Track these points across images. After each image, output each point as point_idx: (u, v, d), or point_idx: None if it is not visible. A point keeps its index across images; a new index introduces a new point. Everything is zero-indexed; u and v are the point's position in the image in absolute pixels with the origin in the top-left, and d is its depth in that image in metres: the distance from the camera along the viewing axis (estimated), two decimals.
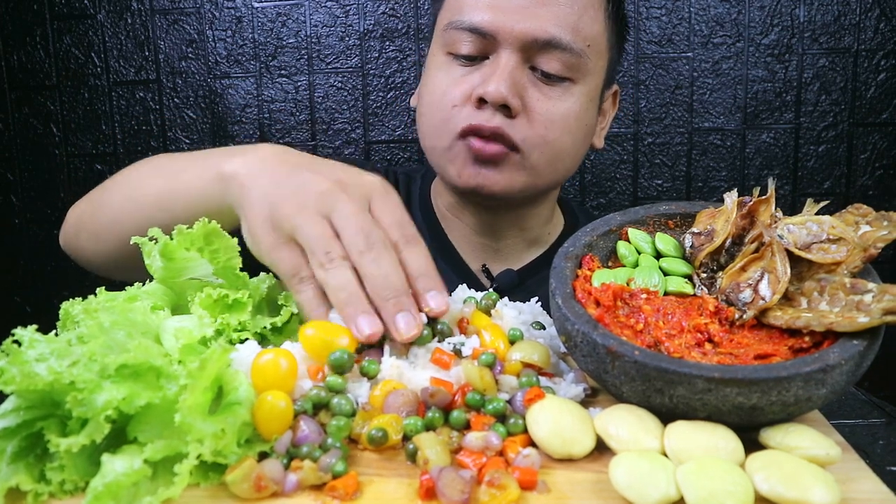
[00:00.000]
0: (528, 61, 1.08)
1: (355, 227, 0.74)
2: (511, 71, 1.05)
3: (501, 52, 1.06)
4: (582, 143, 1.16)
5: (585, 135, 1.16)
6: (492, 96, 1.04)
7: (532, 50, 1.06)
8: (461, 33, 1.08)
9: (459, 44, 1.09)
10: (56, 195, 2.11)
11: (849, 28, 1.94)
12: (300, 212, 0.75)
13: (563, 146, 1.12)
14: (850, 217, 0.70)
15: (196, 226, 0.72)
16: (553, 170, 1.13)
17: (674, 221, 0.79)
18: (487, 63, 1.09)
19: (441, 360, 0.68)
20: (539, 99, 1.08)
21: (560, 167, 1.14)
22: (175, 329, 0.67)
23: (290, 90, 2.06)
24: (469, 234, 1.25)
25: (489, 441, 0.59)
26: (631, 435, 0.57)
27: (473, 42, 1.08)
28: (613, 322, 0.66)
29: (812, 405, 0.58)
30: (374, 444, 0.60)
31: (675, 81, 1.99)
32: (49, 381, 0.55)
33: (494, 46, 1.07)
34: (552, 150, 1.10)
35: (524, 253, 1.27)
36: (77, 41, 2.09)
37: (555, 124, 1.09)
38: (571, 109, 1.10)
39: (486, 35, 1.06)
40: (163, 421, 0.57)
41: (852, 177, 2.01)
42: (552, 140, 1.09)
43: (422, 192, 1.33)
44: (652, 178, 2.04)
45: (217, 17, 2.05)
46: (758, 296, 0.65)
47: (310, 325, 0.69)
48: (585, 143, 1.18)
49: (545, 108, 1.08)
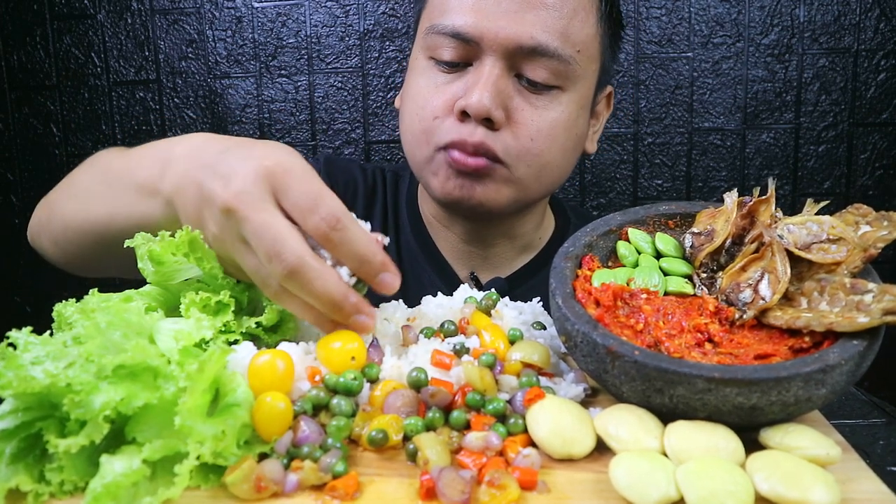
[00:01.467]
0: (513, 69, 1.03)
1: (264, 251, 0.67)
2: (495, 80, 1.00)
3: (485, 60, 1.01)
4: (572, 152, 1.12)
5: (576, 144, 1.12)
6: (474, 109, 0.99)
7: (517, 57, 1.01)
8: (443, 38, 1.03)
9: (441, 49, 1.04)
10: None
11: (849, 28, 1.94)
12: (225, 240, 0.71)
13: (551, 157, 1.07)
14: (850, 217, 0.70)
15: (178, 234, 0.72)
16: (541, 182, 1.09)
17: (674, 221, 0.79)
18: (471, 70, 1.04)
19: (441, 361, 0.68)
20: (524, 109, 1.03)
21: (548, 179, 1.10)
22: (174, 332, 0.66)
23: (290, 90, 2.06)
24: (456, 241, 1.22)
25: (489, 441, 0.58)
26: (631, 435, 0.57)
27: (456, 48, 1.03)
28: (613, 322, 0.66)
29: (812, 405, 0.58)
30: (374, 445, 0.60)
31: (675, 81, 1.99)
32: (45, 384, 0.55)
33: (478, 53, 1.02)
34: (539, 162, 1.06)
35: (514, 260, 1.24)
36: (77, 41, 2.09)
37: (541, 135, 1.04)
38: (559, 119, 1.05)
39: (469, 41, 1.01)
40: (161, 421, 0.57)
41: (852, 177, 2.01)
42: (539, 152, 1.05)
43: (409, 193, 1.29)
44: (652, 178, 2.04)
45: (217, 17, 2.05)
46: (758, 296, 0.65)
47: (330, 339, 0.69)
48: (576, 152, 1.14)
49: (531, 118, 1.03)
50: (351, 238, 0.68)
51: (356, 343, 0.68)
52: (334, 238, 0.67)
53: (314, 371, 0.67)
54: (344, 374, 0.65)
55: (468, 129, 1.01)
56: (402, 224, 1.25)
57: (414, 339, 0.72)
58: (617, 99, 2.00)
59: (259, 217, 0.66)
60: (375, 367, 0.68)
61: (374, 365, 0.68)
